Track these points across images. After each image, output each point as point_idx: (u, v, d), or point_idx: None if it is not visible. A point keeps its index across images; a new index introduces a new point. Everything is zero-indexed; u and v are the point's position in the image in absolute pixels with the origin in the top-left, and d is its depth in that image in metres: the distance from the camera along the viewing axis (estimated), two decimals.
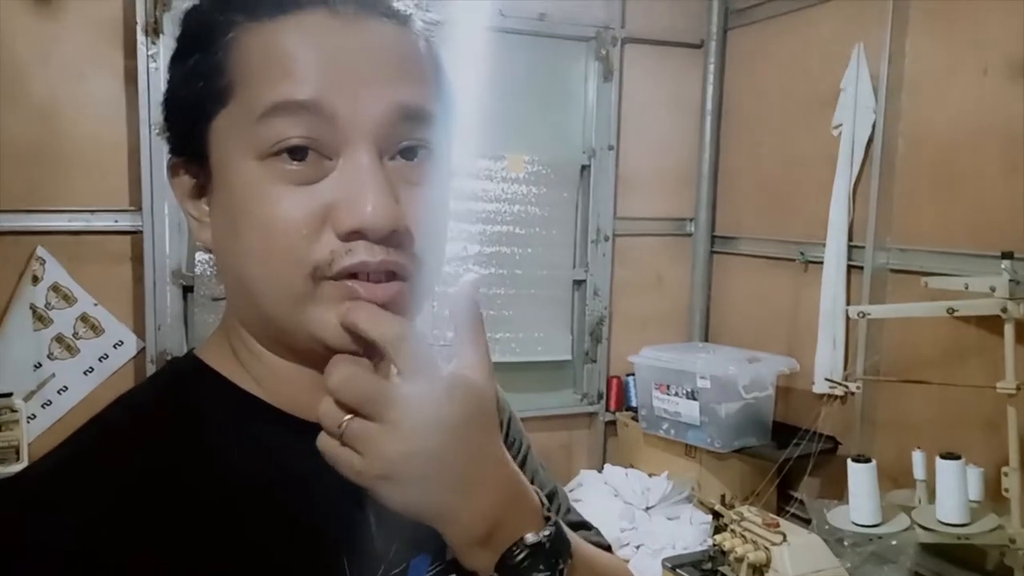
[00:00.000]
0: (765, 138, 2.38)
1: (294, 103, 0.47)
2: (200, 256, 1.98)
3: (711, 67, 2.48)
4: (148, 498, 0.47)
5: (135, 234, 1.94)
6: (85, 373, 1.94)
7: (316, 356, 0.52)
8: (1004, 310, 1.43)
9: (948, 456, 1.47)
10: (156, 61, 1.88)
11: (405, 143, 0.50)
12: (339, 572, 0.51)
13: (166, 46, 1.90)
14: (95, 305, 1.93)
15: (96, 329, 1.94)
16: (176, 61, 0.53)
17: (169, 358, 0.62)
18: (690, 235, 2.58)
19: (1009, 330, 1.44)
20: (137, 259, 1.95)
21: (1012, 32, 1.66)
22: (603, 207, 2.44)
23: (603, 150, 2.42)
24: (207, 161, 0.51)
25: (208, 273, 1.99)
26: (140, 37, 1.86)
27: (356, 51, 0.49)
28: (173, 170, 0.54)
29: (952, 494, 1.46)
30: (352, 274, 0.48)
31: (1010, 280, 1.43)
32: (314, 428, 0.53)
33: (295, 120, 0.47)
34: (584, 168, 2.44)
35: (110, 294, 1.94)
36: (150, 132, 1.90)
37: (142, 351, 1.97)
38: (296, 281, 0.48)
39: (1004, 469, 1.45)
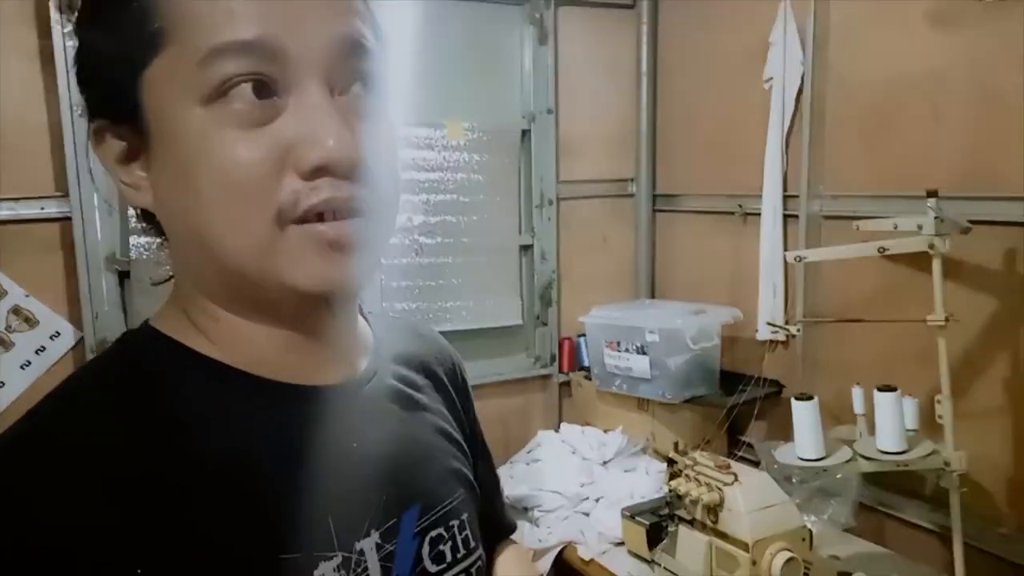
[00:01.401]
0: (700, 95, 2.42)
1: (240, 43, 0.45)
2: (135, 240, 1.92)
3: (644, 27, 2.49)
4: (114, 472, 0.46)
5: (64, 221, 1.86)
6: (22, 367, 1.87)
7: (284, 310, 0.51)
8: (931, 246, 1.50)
9: (885, 389, 1.54)
10: (73, 38, 1.80)
11: (353, 76, 0.50)
12: (325, 532, 0.51)
13: None
14: (27, 296, 1.86)
15: (30, 321, 1.87)
16: (88, 17, 0.49)
17: (123, 332, 0.58)
18: (632, 195, 2.61)
19: (936, 265, 1.51)
20: (68, 246, 1.87)
21: None
22: (545, 171, 2.45)
23: (542, 114, 2.42)
24: (140, 118, 0.48)
25: (145, 256, 1.93)
26: (54, 15, 1.77)
27: None
28: (97, 136, 0.51)
29: (890, 424, 1.53)
30: (317, 214, 0.48)
31: (936, 218, 1.49)
32: (284, 387, 0.52)
33: (241, 61, 0.45)
34: (524, 133, 2.44)
35: (42, 284, 1.87)
36: (72, 114, 1.82)
37: (80, 341, 1.90)
38: (261, 227, 0.47)
39: (937, 397, 1.52)
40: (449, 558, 0.58)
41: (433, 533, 0.58)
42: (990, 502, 1.67)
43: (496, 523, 0.77)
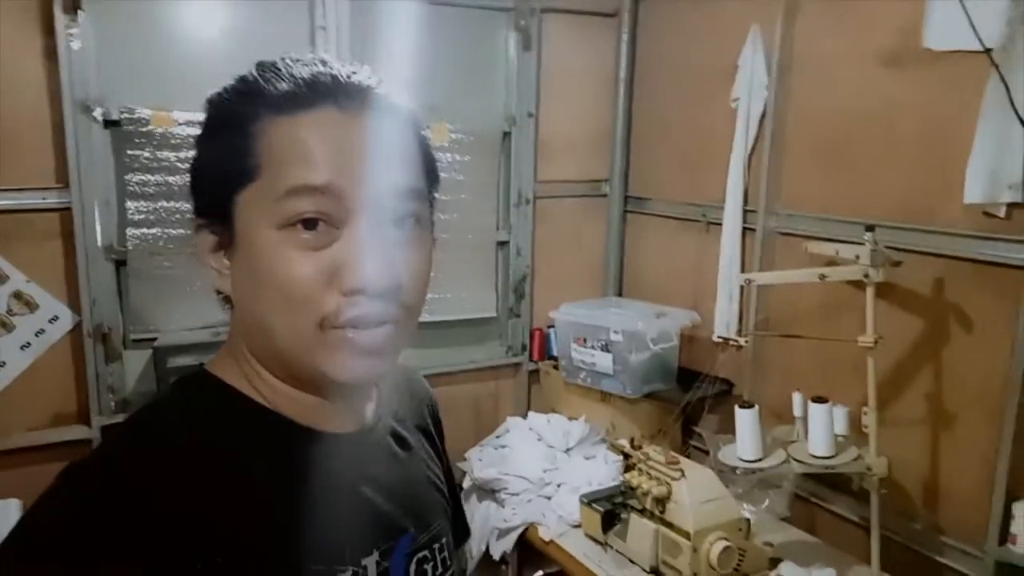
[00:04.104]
0: (674, 106, 2.55)
1: (311, 187, 0.58)
2: (132, 231, 2.02)
3: (624, 36, 2.60)
4: (176, 490, 0.57)
5: (64, 211, 1.95)
6: (22, 348, 1.97)
7: (319, 386, 0.65)
8: (866, 275, 1.66)
9: (818, 400, 1.71)
10: (76, 38, 1.87)
11: (399, 215, 0.62)
12: (340, 549, 0.65)
13: (86, 22, 1.89)
14: (27, 282, 1.96)
15: (31, 305, 1.97)
16: (204, 140, 0.63)
17: (180, 375, 0.73)
18: (605, 196, 2.75)
19: (870, 292, 1.67)
20: (68, 235, 1.96)
21: (887, 23, 1.85)
22: (524, 172, 2.58)
23: (523, 117, 2.54)
24: (231, 225, 0.62)
25: (141, 247, 2.03)
26: (58, 14, 1.84)
27: (359, 141, 0.60)
28: (198, 229, 0.64)
29: (821, 431, 1.71)
30: (352, 323, 0.60)
31: (872, 250, 1.66)
32: (311, 433, 0.66)
33: (310, 199, 0.58)
34: (505, 135, 2.55)
35: (43, 271, 1.97)
36: (74, 109, 1.90)
37: (78, 324, 2.01)
38: (308, 329, 0.60)
39: (864, 409, 1.70)
40: (430, 574, 0.73)
41: (420, 555, 0.72)
42: (908, 500, 1.87)
43: (461, 529, 0.93)
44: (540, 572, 2.40)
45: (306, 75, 0.61)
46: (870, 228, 1.67)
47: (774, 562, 1.79)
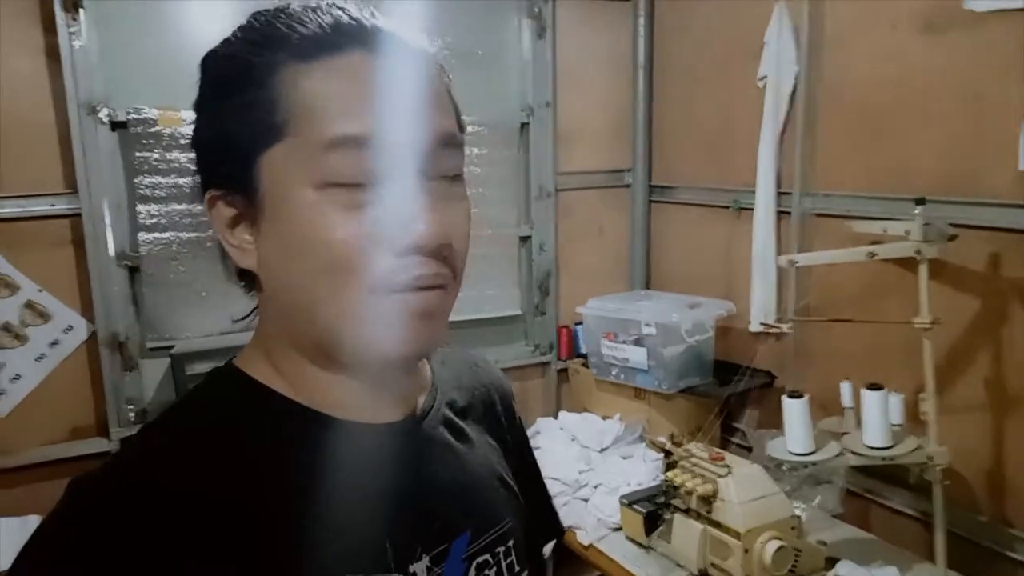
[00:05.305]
0: (696, 90, 2.45)
1: (354, 138, 0.51)
2: (144, 236, 1.96)
3: (641, 20, 2.52)
4: (203, 494, 0.52)
5: (74, 217, 1.89)
6: (37, 360, 1.91)
7: (365, 367, 0.58)
8: (918, 252, 1.56)
9: (872, 387, 1.61)
10: (79, 37, 1.81)
11: (443, 166, 0.55)
12: (384, 555, 0.57)
13: (87, 20, 1.83)
14: (40, 291, 1.90)
15: (44, 315, 1.91)
16: (211, 102, 0.56)
17: (211, 369, 0.67)
18: (628, 186, 2.66)
19: (923, 270, 1.57)
20: (78, 242, 1.90)
21: None
22: (544, 163, 2.49)
23: (541, 107, 2.46)
24: (254, 191, 0.54)
25: (154, 252, 1.96)
26: (59, 13, 1.78)
27: (396, 87, 0.54)
28: (211, 203, 0.57)
29: (876, 421, 1.60)
30: (406, 286, 0.54)
31: (924, 224, 1.55)
32: (352, 426, 0.59)
33: (353, 152, 0.52)
34: (523, 126, 2.47)
35: (54, 279, 1.90)
36: (79, 111, 1.84)
37: (93, 334, 1.95)
38: (357, 297, 0.53)
39: (921, 395, 1.59)
40: None
41: (480, 559, 0.64)
42: (970, 492, 1.75)
43: (547, 529, 0.88)
44: None
45: (327, 19, 0.55)
46: (920, 201, 1.57)
47: (830, 562, 1.68)
